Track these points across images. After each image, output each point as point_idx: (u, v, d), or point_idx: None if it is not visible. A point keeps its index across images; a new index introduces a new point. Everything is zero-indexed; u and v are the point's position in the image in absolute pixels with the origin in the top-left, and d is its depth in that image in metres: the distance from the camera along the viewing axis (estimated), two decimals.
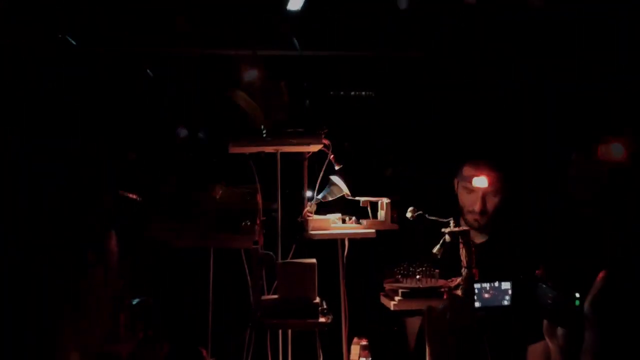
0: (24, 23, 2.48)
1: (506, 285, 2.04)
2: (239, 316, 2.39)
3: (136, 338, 2.01)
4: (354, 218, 2.52)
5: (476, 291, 2.00)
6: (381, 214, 2.47)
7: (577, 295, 1.99)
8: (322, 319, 2.24)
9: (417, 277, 2.39)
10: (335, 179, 2.48)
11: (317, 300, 2.26)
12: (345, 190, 2.48)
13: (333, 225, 2.47)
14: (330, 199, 2.50)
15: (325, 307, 2.27)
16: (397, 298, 2.32)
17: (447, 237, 2.33)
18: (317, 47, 3.01)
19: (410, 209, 2.43)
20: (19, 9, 2.49)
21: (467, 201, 2.88)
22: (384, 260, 2.58)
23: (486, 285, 2.03)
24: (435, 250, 2.35)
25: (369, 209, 2.52)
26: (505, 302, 2.04)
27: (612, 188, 2.88)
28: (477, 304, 2.00)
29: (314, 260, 2.31)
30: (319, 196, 2.49)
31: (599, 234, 2.77)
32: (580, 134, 3.03)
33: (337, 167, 2.51)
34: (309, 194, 2.52)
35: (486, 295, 2.01)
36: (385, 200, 2.50)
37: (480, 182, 2.64)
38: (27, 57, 2.39)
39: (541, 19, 2.90)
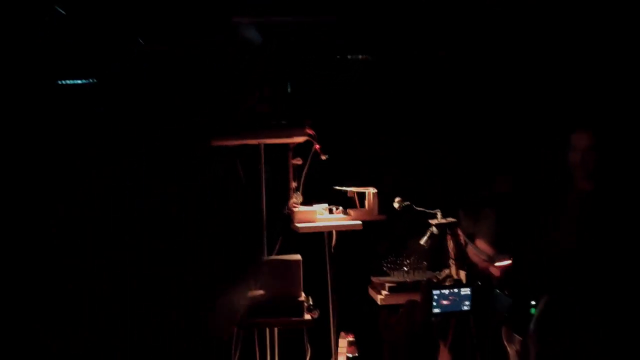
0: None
1: (466, 291, 2.04)
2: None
3: None
4: (340, 208, 2.48)
5: (435, 297, 1.99)
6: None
7: (533, 303, 2.00)
8: (307, 316, 2.21)
9: (405, 269, 2.36)
10: None
11: (302, 297, 2.24)
12: None
13: (319, 216, 2.44)
14: None
15: (311, 303, 2.25)
16: (384, 292, 2.30)
17: (434, 229, 2.28)
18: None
19: (397, 199, 2.38)
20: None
21: None
22: (371, 253, 2.54)
23: (445, 291, 2.03)
24: (422, 241, 2.30)
25: (355, 198, 2.48)
26: (465, 308, 2.05)
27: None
28: (436, 310, 2.00)
29: (298, 257, 2.27)
30: None
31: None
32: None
33: (323, 158, 2.46)
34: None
35: (444, 302, 2.00)
36: (372, 190, 2.45)
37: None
38: None
39: None
